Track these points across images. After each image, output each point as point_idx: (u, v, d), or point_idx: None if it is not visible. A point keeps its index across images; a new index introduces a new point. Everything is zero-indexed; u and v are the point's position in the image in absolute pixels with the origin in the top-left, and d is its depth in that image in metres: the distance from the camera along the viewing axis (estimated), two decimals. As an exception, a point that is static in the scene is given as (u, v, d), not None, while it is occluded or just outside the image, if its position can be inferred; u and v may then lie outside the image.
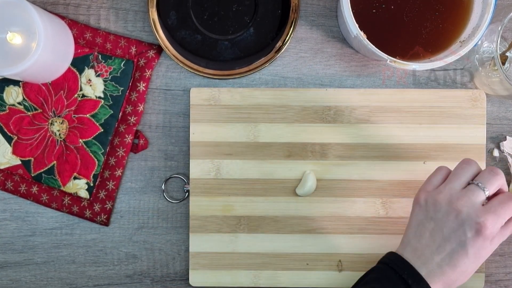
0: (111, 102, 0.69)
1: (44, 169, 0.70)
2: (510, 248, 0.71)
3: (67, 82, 0.69)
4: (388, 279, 0.58)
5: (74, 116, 0.69)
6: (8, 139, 0.70)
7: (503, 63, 0.65)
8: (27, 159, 0.70)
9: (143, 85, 0.69)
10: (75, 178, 0.70)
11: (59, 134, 0.69)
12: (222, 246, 0.68)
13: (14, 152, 0.70)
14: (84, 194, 0.70)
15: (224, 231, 0.69)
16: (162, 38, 0.69)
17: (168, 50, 0.69)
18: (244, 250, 0.69)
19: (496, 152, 0.70)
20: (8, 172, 0.70)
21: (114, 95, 0.69)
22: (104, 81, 0.69)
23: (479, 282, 0.68)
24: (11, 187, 0.70)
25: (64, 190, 0.70)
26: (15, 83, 0.70)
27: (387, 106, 0.68)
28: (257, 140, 0.69)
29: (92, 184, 0.70)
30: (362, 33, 0.60)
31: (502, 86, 0.64)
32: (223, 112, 0.68)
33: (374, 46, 0.60)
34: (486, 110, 0.69)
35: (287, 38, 0.68)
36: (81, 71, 0.69)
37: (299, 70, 0.70)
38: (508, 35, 0.69)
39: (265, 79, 0.70)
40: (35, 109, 0.70)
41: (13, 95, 0.70)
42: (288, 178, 0.69)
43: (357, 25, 0.60)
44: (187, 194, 0.70)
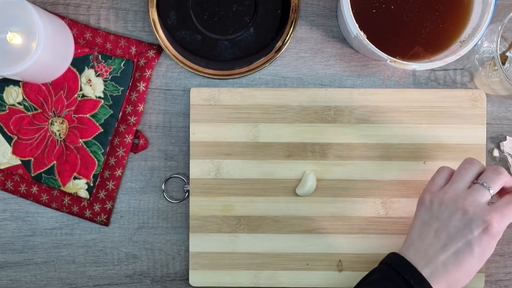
0: (111, 102, 0.69)
1: (44, 169, 0.70)
2: (510, 248, 0.71)
3: (67, 82, 0.69)
4: (390, 279, 0.57)
5: (74, 116, 0.69)
6: (8, 139, 0.70)
7: (503, 63, 0.65)
8: (27, 159, 0.70)
9: (143, 85, 0.69)
10: (75, 178, 0.70)
11: (59, 134, 0.69)
12: (222, 246, 0.68)
13: (14, 152, 0.70)
14: (84, 194, 0.70)
15: (224, 231, 0.69)
16: (162, 38, 0.69)
17: (168, 50, 0.69)
18: (244, 250, 0.69)
19: (496, 152, 0.70)
20: (8, 172, 0.70)
21: (114, 95, 0.69)
22: (104, 81, 0.69)
23: (479, 282, 0.68)
24: (11, 187, 0.70)
25: (64, 190, 0.70)
26: (15, 83, 0.70)
27: (387, 106, 0.68)
28: (257, 140, 0.69)
29: (92, 184, 0.70)
30: (362, 33, 0.60)
31: (502, 86, 0.64)
32: (223, 112, 0.68)
33: (374, 46, 0.60)
34: (486, 110, 0.69)
35: (287, 38, 0.68)
36: (81, 71, 0.69)
37: (299, 70, 0.70)
38: (508, 35, 0.69)
39: (265, 79, 0.70)
40: (35, 109, 0.70)
41: (13, 95, 0.70)
42: (288, 178, 0.69)
43: (357, 25, 0.60)
44: (187, 194, 0.70)
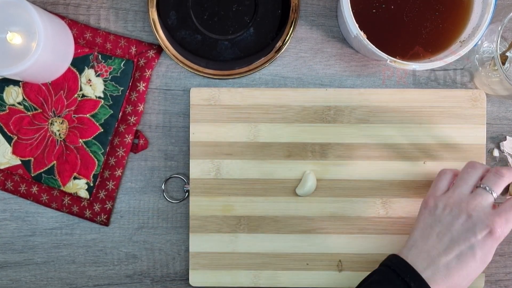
0: (111, 102, 0.69)
1: (44, 169, 0.70)
2: (510, 248, 0.71)
3: (67, 82, 0.69)
4: (390, 281, 0.58)
5: (74, 116, 0.69)
6: (8, 139, 0.70)
7: (503, 63, 0.65)
8: (27, 159, 0.70)
9: (143, 85, 0.69)
10: (75, 178, 0.70)
11: (59, 134, 0.69)
12: (222, 246, 0.68)
13: (14, 152, 0.70)
14: (84, 194, 0.70)
15: (224, 231, 0.69)
16: (162, 38, 0.69)
17: (168, 50, 0.69)
18: (244, 250, 0.69)
19: (496, 152, 0.70)
20: (8, 172, 0.70)
21: (114, 95, 0.69)
22: (104, 81, 0.69)
23: (479, 282, 0.68)
24: (11, 187, 0.70)
25: (64, 190, 0.70)
26: (15, 83, 0.70)
27: (387, 106, 0.68)
28: (257, 140, 0.69)
29: (92, 184, 0.70)
30: (362, 33, 0.60)
31: (502, 86, 0.64)
32: (223, 112, 0.68)
33: (374, 46, 0.60)
34: (486, 110, 0.69)
35: (287, 38, 0.68)
36: (81, 71, 0.69)
37: (299, 70, 0.70)
38: (508, 35, 0.69)
39: (265, 79, 0.70)
40: (35, 109, 0.70)
41: (13, 95, 0.70)
42: (288, 178, 0.69)
43: (357, 25, 0.60)
44: (187, 194, 0.70)
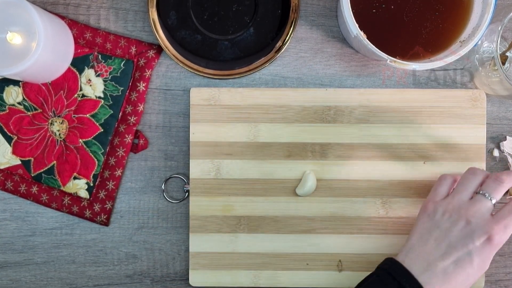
0: (111, 102, 0.69)
1: (44, 169, 0.70)
2: (510, 248, 0.71)
3: (67, 82, 0.69)
4: (386, 285, 0.58)
5: (74, 116, 0.69)
6: (8, 139, 0.70)
7: (503, 63, 0.65)
8: (27, 159, 0.70)
9: (143, 85, 0.69)
10: (75, 178, 0.70)
11: (59, 134, 0.69)
12: (222, 246, 0.68)
13: (14, 152, 0.70)
14: (84, 194, 0.70)
15: (224, 231, 0.69)
16: (162, 38, 0.69)
17: (168, 50, 0.69)
18: (244, 250, 0.69)
19: (496, 152, 0.70)
20: (8, 172, 0.70)
21: (114, 95, 0.69)
22: (104, 81, 0.69)
23: (479, 282, 0.68)
24: (11, 187, 0.70)
25: (64, 190, 0.70)
26: (15, 83, 0.70)
27: (387, 106, 0.68)
28: (257, 140, 0.69)
29: (92, 184, 0.70)
30: (362, 33, 0.60)
31: (502, 86, 0.64)
32: (223, 112, 0.68)
33: (374, 46, 0.60)
34: (486, 110, 0.69)
35: (287, 38, 0.68)
36: (81, 71, 0.69)
37: (299, 70, 0.70)
38: (508, 35, 0.69)
39: (265, 79, 0.70)
40: (35, 109, 0.70)
41: (13, 95, 0.70)
42: (288, 178, 0.69)
43: (357, 25, 0.60)
44: (187, 194, 0.70)
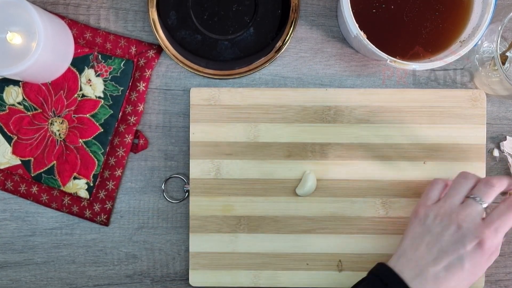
0: (111, 102, 0.69)
1: (44, 169, 0.70)
2: (510, 248, 0.71)
3: (67, 82, 0.69)
4: None
5: (74, 116, 0.69)
6: (8, 139, 0.70)
7: (503, 63, 0.65)
8: (27, 159, 0.70)
9: (143, 85, 0.69)
10: (75, 178, 0.70)
11: (59, 134, 0.69)
12: (222, 246, 0.68)
13: (14, 152, 0.70)
14: (84, 194, 0.70)
15: (224, 231, 0.69)
16: (162, 38, 0.69)
17: (168, 50, 0.69)
18: (244, 250, 0.69)
19: (496, 152, 0.70)
20: (8, 172, 0.70)
21: (114, 95, 0.69)
22: (104, 81, 0.69)
23: (479, 282, 0.68)
24: (11, 187, 0.70)
25: (64, 190, 0.70)
26: (15, 83, 0.70)
27: (387, 106, 0.68)
28: (257, 140, 0.69)
29: (92, 184, 0.70)
30: (362, 33, 0.60)
31: (502, 86, 0.64)
32: (223, 112, 0.68)
33: (374, 46, 0.60)
34: (486, 110, 0.69)
35: (287, 38, 0.68)
36: (81, 71, 0.69)
37: (299, 70, 0.70)
38: (508, 35, 0.69)
39: (265, 79, 0.70)
40: (35, 109, 0.70)
41: (13, 95, 0.70)
42: (288, 178, 0.69)
43: (357, 25, 0.60)
44: (187, 194, 0.70)
